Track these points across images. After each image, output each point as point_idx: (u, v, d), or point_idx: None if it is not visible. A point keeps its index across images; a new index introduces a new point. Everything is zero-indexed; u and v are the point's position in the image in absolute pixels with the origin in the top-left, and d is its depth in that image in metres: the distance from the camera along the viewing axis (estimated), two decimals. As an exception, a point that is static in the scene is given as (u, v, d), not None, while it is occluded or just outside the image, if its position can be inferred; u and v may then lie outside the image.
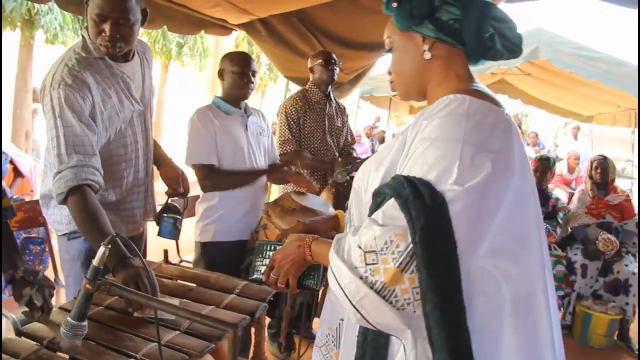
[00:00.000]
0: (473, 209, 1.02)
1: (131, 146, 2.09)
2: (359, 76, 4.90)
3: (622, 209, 4.30)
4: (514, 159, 1.10)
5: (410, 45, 1.24)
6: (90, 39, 1.89)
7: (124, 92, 2.00)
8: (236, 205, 2.66)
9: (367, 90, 8.95)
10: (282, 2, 3.78)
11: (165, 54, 10.76)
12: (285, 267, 1.32)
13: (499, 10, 1.20)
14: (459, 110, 1.11)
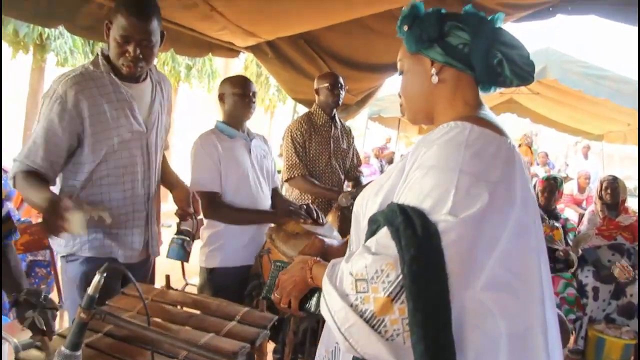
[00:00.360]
0: (468, 240, 0.99)
1: (126, 169, 2.09)
2: (367, 97, 4.90)
3: (634, 230, 4.22)
4: (515, 190, 1.08)
5: (419, 68, 1.25)
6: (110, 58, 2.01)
7: (125, 110, 2.04)
8: (242, 231, 2.63)
9: (375, 111, 8.96)
10: (288, 25, 3.81)
11: (174, 76, 10.84)
12: (287, 287, 1.31)
13: (509, 35, 1.20)
14: (458, 138, 1.09)
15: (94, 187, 2.05)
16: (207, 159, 2.57)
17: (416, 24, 1.22)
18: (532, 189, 1.18)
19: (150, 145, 2.17)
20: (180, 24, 3.36)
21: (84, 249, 2.07)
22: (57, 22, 2.75)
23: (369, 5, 3.53)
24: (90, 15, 2.74)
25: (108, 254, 2.10)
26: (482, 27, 1.19)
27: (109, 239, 2.09)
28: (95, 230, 2.07)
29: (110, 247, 2.10)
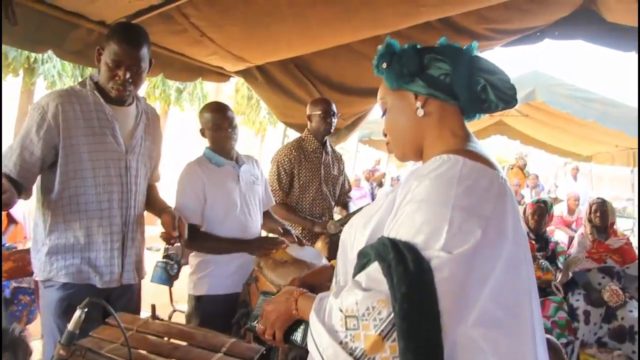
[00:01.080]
0: (461, 277, 0.97)
1: (103, 187, 2.12)
2: (357, 121, 4.91)
3: (623, 253, 4.22)
4: (507, 224, 1.06)
5: (403, 104, 1.25)
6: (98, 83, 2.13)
7: (104, 129, 2.12)
8: (229, 259, 2.60)
9: (365, 134, 9.01)
10: (278, 50, 3.83)
11: (164, 99, 10.86)
12: (271, 318, 1.29)
13: (487, 62, 1.21)
14: (450, 172, 1.08)
15: (71, 205, 2.07)
16: (189, 190, 2.55)
17: (395, 61, 1.22)
18: (522, 223, 1.17)
19: (129, 168, 2.20)
20: (170, 49, 3.37)
21: (60, 274, 2.06)
22: (46, 47, 2.76)
23: (356, 32, 3.56)
24: (79, 40, 2.74)
25: (85, 280, 2.09)
26: (460, 56, 1.20)
27: (85, 264, 2.09)
28: (72, 255, 2.07)
29: (87, 272, 2.09)
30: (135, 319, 1.92)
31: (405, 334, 0.93)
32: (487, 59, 1.22)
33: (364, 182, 12.50)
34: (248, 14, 2.97)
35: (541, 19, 3.83)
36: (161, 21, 2.90)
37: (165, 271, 2.21)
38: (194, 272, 2.64)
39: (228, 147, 2.67)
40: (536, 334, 1.09)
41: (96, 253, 2.11)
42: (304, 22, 3.17)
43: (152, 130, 2.37)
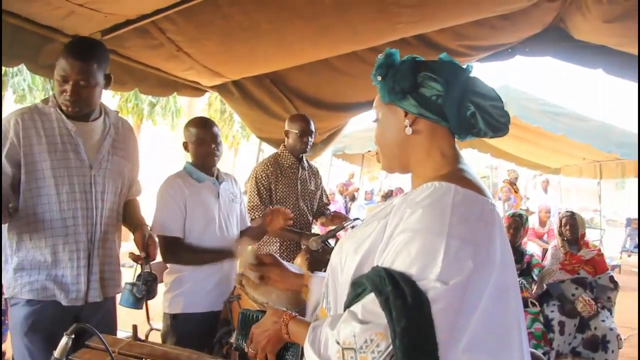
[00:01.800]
0: (456, 307, 0.98)
1: (66, 204, 2.08)
2: (332, 136, 4.93)
3: (595, 264, 4.32)
4: (495, 251, 1.06)
5: (393, 118, 1.23)
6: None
7: (66, 145, 2.09)
8: (207, 276, 2.57)
9: (339, 148, 9.05)
10: (255, 65, 3.83)
11: (137, 113, 10.74)
12: (262, 342, 1.28)
13: (484, 86, 1.19)
14: (444, 200, 1.06)
15: (37, 222, 2.03)
16: (171, 202, 2.51)
17: (390, 75, 1.21)
18: (509, 247, 1.16)
19: (95, 184, 2.15)
20: (145, 64, 3.33)
21: (24, 291, 2.02)
22: (18, 61, 2.69)
23: (333, 48, 3.59)
24: (53, 54, 2.67)
25: (50, 297, 2.04)
26: (455, 77, 1.17)
27: (51, 280, 2.04)
28: (38, 272, 2.03)
29: (52, 289, 2.04)
30: (116, 340, 1.87)
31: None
32: (484, 83, 1.20)
33: (338, 196, 12.52)
34: (225, 29, 2.96)
35: (513, 36, 3.93)
36: (137, 35, 2.88)
37: (132, 294, 2.11)
38: (168, 290, 2.59)
39: (210, 163, 2.64)
40: (524, 356, 1.10)
41: (62, 270, 2.07)
42: (282, 38, 3.18)
43: (123, 144, 2.33)
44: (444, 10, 3.14)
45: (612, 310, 4.26)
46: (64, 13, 2.39)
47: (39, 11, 2.38)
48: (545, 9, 3.45)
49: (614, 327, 4.02)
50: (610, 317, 4.18)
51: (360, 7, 2.90)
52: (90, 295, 2.15)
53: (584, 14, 3.28)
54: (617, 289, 4.31)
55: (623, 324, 5.87)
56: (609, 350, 3.95)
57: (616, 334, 3.96)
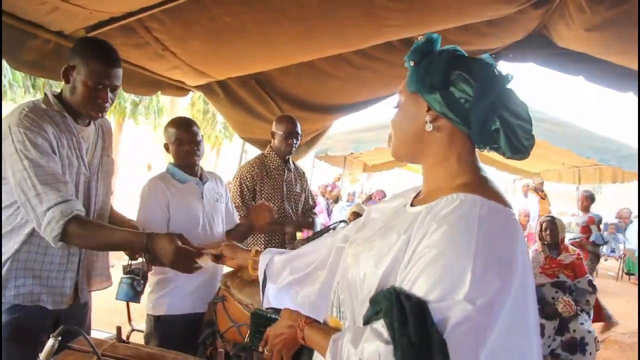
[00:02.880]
0: (483, 327, 0.95)
1: None
2: (316, 137, 4.93)
3: (574, 268, 4.40)
4: (517, 262, 1.03)
5: (415, 109, 1.18)
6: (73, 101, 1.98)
7: (76, 150, 2.01)
8: (191, 277, 2.50)
9: (322, 150, 9.04)
10: (241, 66, 3.82)
11: (119, 112, 10.63)
12: (277, 345, 1.30)
13: (519, 102, 1.12)
14: (470, 215, 1.02)
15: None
16: (154, 205, 2.49)
17: (424, 63, 1.14)
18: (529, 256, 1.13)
19: (91, 188, 2.12)
20: (130, 62, 3.30)
21: (9, 295, 1.95)
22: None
23: (320, 50, 3.59)
24: (35, 50, 2.64)
25: (35, 302, 1.98)
26: (491, 85, 1.11)
27: (37, 284, 1.98)
28: (23, 275, 1.96)
29: (38, 294, 1.98)
30: (100, 342, 1.84)
31: None
32: (519, 98, 1.13)
33: (320, 197, 12.52)
34: (212, 29, 2.94)
35: (497, 42, 3.98)
36: (122, 34, 2.84)
37: (132, 287, 2.09)
38: (152, 291, 2.56)
39: (191, 162, 2.61)
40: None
41: (49, 272, 2.01)
42: (268, 39, 3.17)
43: (108, 143, 2.29)
44: (431, 14, 3.16)
45: (590, 313, 4.34)
46: (47, 9, 2.35)
47: (22, 6, 2.33)
48: (530, 16, 3.50)
49: (591, 329, 4.09)
50: (589, 319, 4.25)
51: (347, 10, 2.90)
52: (80, 296, 2.13)
53: (567, 22, 3.34)
54: (596, 293, 4.38)
55: (600, 326, 5.97)
56: (587, 352, 4.02)
57: (594, 336, 4.04)
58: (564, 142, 6.87)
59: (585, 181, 10.05)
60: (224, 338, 2.18)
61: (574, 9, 3.11)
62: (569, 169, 10.33)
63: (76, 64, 1.93)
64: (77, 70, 1.94)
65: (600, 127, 34.58)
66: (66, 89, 2.00)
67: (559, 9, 3.35)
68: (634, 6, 2.76)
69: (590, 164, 9.02)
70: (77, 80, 1.94)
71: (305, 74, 4.01)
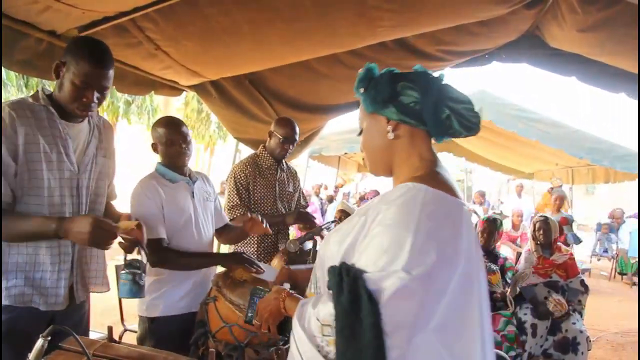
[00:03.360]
0: (419, 294, 1.10)
1: (54, 208, 1.99)
2: (310, 137, 4.93)
3: (567, 268, 4.41)
4: (461, 246, 1.20)
5: (377, 126, 1.38)
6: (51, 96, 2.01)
7: (58, 147, 1.99)
8: (185, 278, 2.53)
9: (316, 150, 9.05)
10: (234, 66, 3.81)
11: (112, 112, 10.59)
12: (264, 315, 1.50)
13: (456, 91, 1.34)
14: (415, 199, 1.20)
15: None
16: (150, 203, 2.45)
17: (371, 87, 1.36)
18: (478, 244, 1.31)
19: (81, 187, 2.09)
20: (123, 62, 3.29)
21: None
22: (-8, 57, 2.63)
23: (313, 50, 3.59)
24: (28, 49, 2.63)
25: (27, 303, 1.96)
26: (430, 85, 1.32)
27: (29, 285, 1.96)
28: (15, 276, 1.94)
29: (30, 295, 1.96)
30: (91, 342, 1.83)
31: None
32: (455, 88, 1.34)
33: (314, 197, 12.54)
34: (205, 29, 2.94)
35: (490, 43, 3.98)
36: (115, 33, 2.83)
37: (135, 282, 1.99)
38: (146, 293, 2.53)
39: (181, 162, 2.60)
40: (485, 338, 1.24)
41: (42, 274, 1.99)
42: (262, 40, 3.17)
43: (106, 144, 2.27)
44: (424, 15, 3.17)
45: (582, 313, 4.36)
46: (39, 8, 2.34)
47: (14, 5, 2.32)
48: (522, 16, 3.51)
49: (583, 329, 4.10)
50: (580, 319, 4.27)
51: (340, 10, 2.91)
52: (76, 297, 2.11)
53: (559, 23, 3.35)
54: (588, 293, 4.40)
55: (592, 326, 6.01)
56: (579, 352, 4.03)
57: (586, 336, 4.05)
58: (557, 142, 6.90)
59: (578, 181, 10.09)
60: (216, 338, 2.17)
61: (566, 9, 3.12)
62: (562, 169, 10.37)
63: (67, 61, 1.94)
64: (66, 67, 1.94)
65: (593, 128, 34.75)
66: (56, 84, 2.00)
67: (552, 9, 3.36)
68: (625, 7, 2.78)
69: (583, 164, 9.06)
70: (65, 77, 1.94)
71: (299, 74, 4.01)
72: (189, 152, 2.60)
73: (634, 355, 5.35)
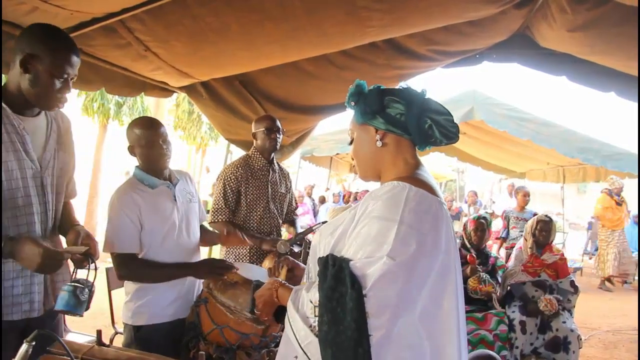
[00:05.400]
0: (403, 279, 1.24)
1: (20, 210, 1.87)
2: (301, 138, 4.92)
3: (557, 268, 4.43)
4: (441, 238, 1.34)
5: (366, 136, 1.52)
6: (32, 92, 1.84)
7: (15, 144, 1.85)
8: (172, 284, 2.44)
9: (308, 151, 9.05)
10: (224, 67, 3.79)
11: (103, 114, 10.50)
12: (259, 305, 1.62)
13: (437, 104, 1.49)
14: (400, 195, 1.34)
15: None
16: (124, 218, 2.34)
17: (361, 100, 1.50)
18: (455, 239, 1.45)
19: (45, 185, 1.96)
20: (112, 63, 3.27)
21: None
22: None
23: (303, 50, 3.58)
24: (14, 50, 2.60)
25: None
26: (414, 99, 1.47)
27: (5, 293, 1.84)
28: None
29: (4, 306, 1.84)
30: (79, 345, 1.81)
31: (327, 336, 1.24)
32: (436, 102, 1.50)
33: (307, 198, 12.53)
34: (195, 30, 2.92)
35: (480, 43, 3.99)
36: (104, 34, 2.81)
37: (74, 296, 1.77)
38: (131, 300, 2.44)
39: (162, 165, 2.47)
40: (459, 323, 1.37)
41: (12, 281, 1.87)
42: (251, 40, 3.15)
43: (66, 139, 2.12)
44: (414, 15, 3.17)
45: (571, 311, 4.38)
46: (26, 9, 2.31)
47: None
48: (513, 16, 3.52)
49: (574, 327, 4.12)
50: (571, 317, 4.29)
51: (330, 10, 2.90)
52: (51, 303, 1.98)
53: (549, 23, 3.36)
54: (577, 293, 4.42)
55: (583, 324, 6.03)
56: (570, 350, 4.04)
57: (577, 334, 4.06)
58: (549, 141, 6.92)
59: (570, 180, 10.15)
60: (207, 340, 2.16)
61: (556, 9, 3.13)
62: (553, 168, 10.43)
63: (38, 54, 1.79)
64: (39, 59, 1.80)
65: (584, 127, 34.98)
66: (23, 79, 1.82)
67: (541, 9, 3.37)
68: (615, 7, 2.79)
69: (574, 164, 9.12)
70: (40, 70, 1.80)
71: (289, 75, 4.00)
72: (170, 154, 2.48)
73: (626, 353, 5.37)
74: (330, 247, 1.41)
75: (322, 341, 1.25)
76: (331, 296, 1.25)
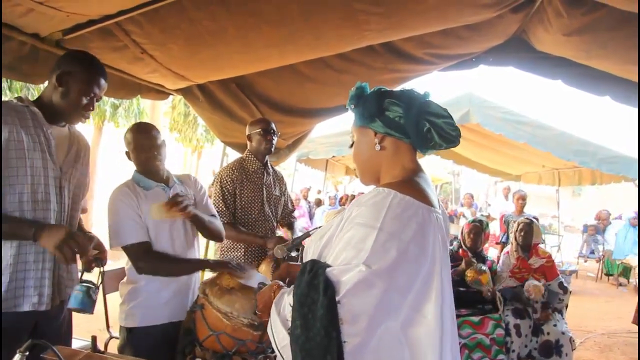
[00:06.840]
0: (381, 286, 1.22)
1: (37, 204, 2.02)
2: (297, 141, 4.91)
3: (545, 271, 4.45)
4: (427, 245, 1.31)
5: (365, 138, 1.51)
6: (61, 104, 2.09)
7: (42, 145, 2.04)
8: (164, 286, 2.45)
9: (304, 153, 9.03)
10: (221, 70, 3.78)
11: (99, 116, 10.48)
12: (260, 305, 1.61)
13: (437, 107, 1.46)
14: (383, 201, 1.32)
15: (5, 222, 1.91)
16: (128, 210, 2.39)
17: (360, 103, 1.50)
18: (445, 246, 1.42)
19: (63, 188, 2.12)
20: (109, 65, 3.25)
21: None
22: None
23: (300, 54, 3.58)
24: (10, 52, 2.59)
25: (10, 308, 1.95)
26: (413, 101, 1.45)
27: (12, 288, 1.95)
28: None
29: (12, 300, 1.95)
30: (74, 352, 1.79)
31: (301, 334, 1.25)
32: (437, 104, 1.47)
33: (303, 201, 12.51)
34: (191, 33, 2.91)
35: (477, 46, 4.00)
36: (100, 37, 2.80)
37: (87, 295, 1.96)
38: (124, 302, 2.46)
39: (153, 168, 2.52)
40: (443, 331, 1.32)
41: (25, 273, 1.98)
42: (248, 43, 3.14)
43: (84, 155, 2.32)
44: (411, 19, 3.17)
45: (562, 312, 4.38)
46: (22, 10, 2.30)
47: (-4, 8, 2.29)
48: (509, 20, 3.52)
49: (565, 330, 4.13)
50: (562, 319, 4.30)
51: (327, 14, 2.89)
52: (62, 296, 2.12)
53: (546, 27, 3.37)
54: (567, 293, 4.42)
55: (579, 327, 6.05)
56: (563, 354, 4.06)
57: (569, 337, 4.07)
58: (544, 144, 6.93)
59: (565, 183, 10.17)
60: (203, 347, 2.15)
61: (552, 13, 3.14)
62: (548, 171, 10.45)
63: (74, 71, 2.07)
64: (73, 76, 2.07)
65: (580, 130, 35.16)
66: (56, 92, 2.08)
67: (538, 13, 3.38)
68: (610, 11, 2.80)
69: (570, 167, 9.13)
70: (72, 86, 2.07)
71: (286, 78, 3.99)
72: (160, 157, 2.53)
73: (621, 356, 5.38)
74: (318, 253, 1.43)
75: (293, 345, 1.25)
76: (304, 302, 1.26)
